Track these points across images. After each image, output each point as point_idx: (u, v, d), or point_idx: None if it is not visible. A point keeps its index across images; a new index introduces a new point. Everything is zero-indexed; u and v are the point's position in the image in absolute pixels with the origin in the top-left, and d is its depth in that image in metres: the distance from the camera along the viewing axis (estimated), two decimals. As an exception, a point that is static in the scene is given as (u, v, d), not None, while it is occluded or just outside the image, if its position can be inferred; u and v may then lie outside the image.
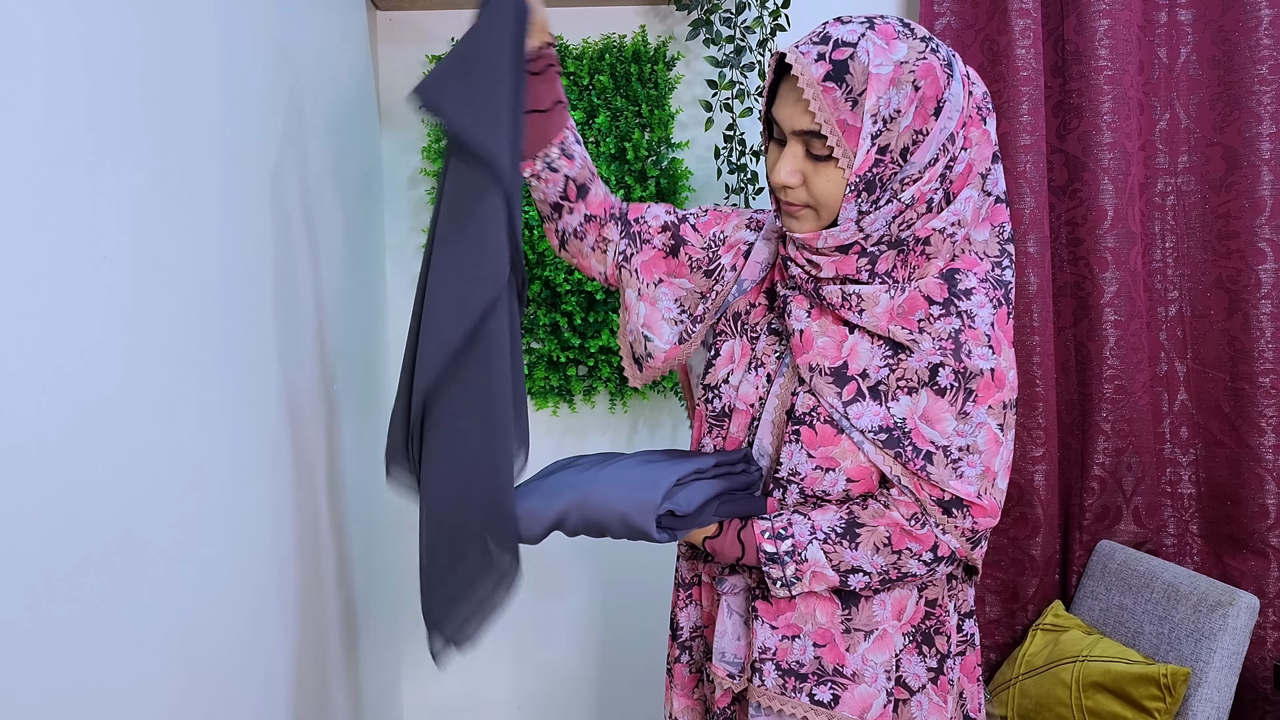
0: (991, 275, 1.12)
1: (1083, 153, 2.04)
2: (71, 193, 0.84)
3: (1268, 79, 2.00)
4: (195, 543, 1.08)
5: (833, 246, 1.08)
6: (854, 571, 1.11)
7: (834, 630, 1.15)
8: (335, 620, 1.66)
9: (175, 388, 1.04)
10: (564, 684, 2.25)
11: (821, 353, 1.12)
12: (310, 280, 1.56)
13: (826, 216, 1.08)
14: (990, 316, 1.10)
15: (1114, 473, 2.08)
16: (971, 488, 1.10)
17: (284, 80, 1.45)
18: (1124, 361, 2.05)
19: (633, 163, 2.08)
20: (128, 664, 0.93)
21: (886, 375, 1.10)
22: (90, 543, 0.86)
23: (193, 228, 1.10)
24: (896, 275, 1.09)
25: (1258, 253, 2.02)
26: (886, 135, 1.02)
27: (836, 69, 1.01)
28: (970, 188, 1.09)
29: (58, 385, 0.81)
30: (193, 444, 1.08)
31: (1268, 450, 2.02)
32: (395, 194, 2.15)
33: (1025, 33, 1.99)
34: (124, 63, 0.95)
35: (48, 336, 0.80)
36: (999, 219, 1.13)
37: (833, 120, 1.01)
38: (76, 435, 0.84)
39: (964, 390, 1.08)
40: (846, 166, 1.03)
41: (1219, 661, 1.70)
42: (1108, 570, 2.00)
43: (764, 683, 1.15)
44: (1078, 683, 1.78)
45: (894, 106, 1.01)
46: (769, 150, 1.12)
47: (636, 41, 2.09)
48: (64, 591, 0.82)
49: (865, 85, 1.00)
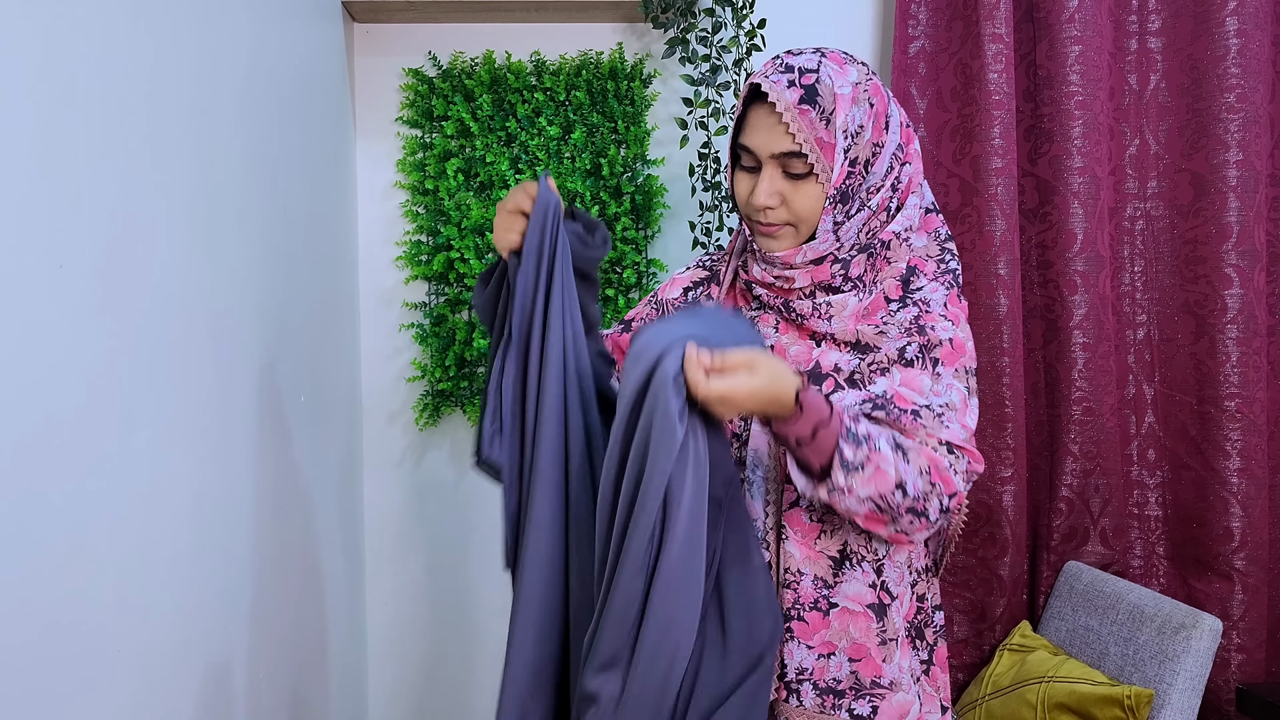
0: (939, 268, 1.20)
1: (1053, 177, 2.06)
2: (32, 199, 0.84)
3: (1235, 107, 2.03)
4: (150, 555, 1.07)
5: (809, 260, 1.14)
6: (900, 487, 1.07)
7: (869, 644, 1.17)
8: (300, 635, 1.65)
9: (135, 398, 1.03)
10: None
11: (794, 359, 1.19)
12: (280, 292, 1.55)
13: (805, 231, 1.15)
14: (943, 298, 1.18)
15: (1082, 494, 2.10)
16: (959, 436, 1.14)
17: (259, 92, 1.45)
18: (1092, 384, 2.06)
19: (608, 179, 2.09)
20: (74, 678, 0.92)
21: (858, 365, 1.16)
22: (38, 554, 0.85)
23: (159, 237, 1.09)
24: (866, 279, 1.17)
25: (1224, 278, 2.04)
26: (855, 149, 1.11)
27: (808, 92, 1.09)
28: (914, 195, 1.19)
29: (10, 393, 0.81)
30: (152, 455, 1.07)
31: (1233, 474, 2.04)
32: (369, 206, 2.15)
33: (998, 57, 2.02)
34: (95, 70, 0.94)
35: (1, 344, 0.79)
36: (933, 226, 1.22)
37: (811, 139, 1.09)
38: (29, 444, 0.83)
39: (930, 359, 1.15)
40: (825, 181, 1.11)
41: (1182, 683, 1.71)
42: (1074, 591, 2.01)
43: (802, 703, 1.16)
44: (1043, 703, 1.79)
45: (858, 122, 1.10)
46: (737, 179, 1.18)
47: (614, 58, 2.10)
48: (8, 605, 0.81)
49: (834, 105, 1.09)
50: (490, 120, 2.10)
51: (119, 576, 1.00)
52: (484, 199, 2.10)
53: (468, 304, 2.13)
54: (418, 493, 2.19)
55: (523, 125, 2.10)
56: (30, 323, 0.84)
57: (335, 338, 1.94)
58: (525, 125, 2.10)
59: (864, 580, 1.17)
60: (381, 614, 2.19)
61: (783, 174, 1.12)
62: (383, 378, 2.17)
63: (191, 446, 1.18)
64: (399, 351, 2.17)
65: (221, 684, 1.28)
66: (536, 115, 2.10)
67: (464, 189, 2.10)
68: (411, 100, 2.11)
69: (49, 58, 0.87)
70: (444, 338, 2.11)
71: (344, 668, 1.97)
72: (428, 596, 2.20)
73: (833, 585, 1.17)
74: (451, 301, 2.12)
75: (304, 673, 1.67)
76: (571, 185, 2.08)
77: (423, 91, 2.10)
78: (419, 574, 2.20)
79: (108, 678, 0.97)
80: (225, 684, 1.29)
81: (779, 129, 1.10)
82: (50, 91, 0.87)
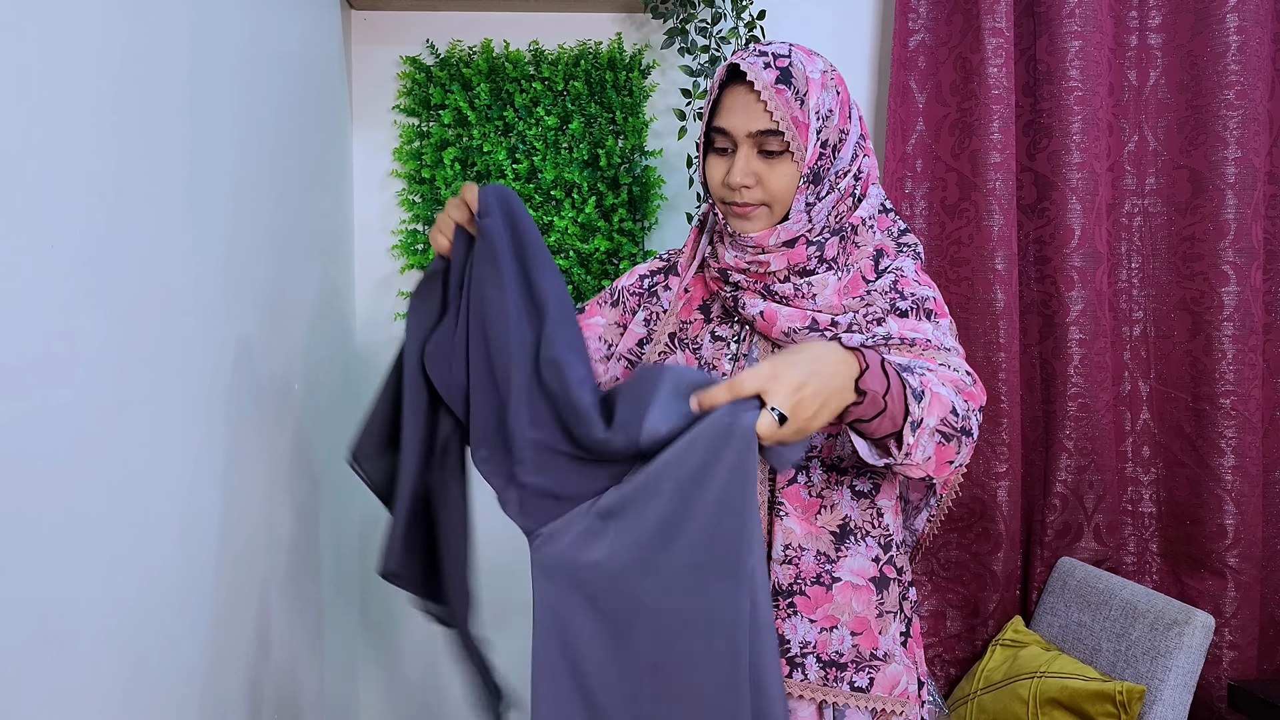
0: (899, 247, 1.25)
1: (1052, 172, 2.06)
2: (23, 181, 0.83)
3: (1234, 104, 2.03)
4: (142, 544, 1.07)
5: (782, 241, 1.17)
6: (955, 411, 1.07)
7: (869, 616, 1.20)
8: (295, 622, 1.65)
9: (127, 385, 1.02)
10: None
11: (789, 319, 1.19)
12: (275, 280, 1.54)
13: (779, 212, 1.17)
14: (913, 266, 1.24)
15: (1076, 490, 2.10)
16: (964, 367, 1.15)
17: (255, 78, 1.44)
18: (1088, 380, 2.06)
19: (605, 170, 2.08)
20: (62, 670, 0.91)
21: (854, 318, 1.18)
22: (26, 542, 0.85)
23: (153, 223, 1.08)
24: (840, 260, 1.20)
25: (1221, 275, 2.04)
26: (825, 131, 1.15)
27: (784, 74, 1.13)
28: (874, 186, 1.23)
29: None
30: (144, 443, 1.06)
31: (1227, 471, 2.04)
32: (365, 195, 2.14)
33: (998, 51, 2.01)
34: (89, 55, 0.93)
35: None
36: (885, 225, 1.26)
37: (787, 117, 1.12)
38: (18, 432, 0.83)
39: (923, 310, 1.20)
40: (800, 160, 1.14)
41: (1174, 680, 1.71)
42: (1067, 587, 2.01)
43: (807, 676, 1.19)
44: (1035, 699, 1.79)
45: (827, 106, 1.15)
46: (710, 164, 1.20)
47: (612, 49, 2.09)
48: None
49: (807, 87, 1.14)
50: (487, 109, 2.09)
51: (109, 565, 0.99)
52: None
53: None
54: (412, 483, 2.18)
55: (520, 115, 2.09)
56: (19, 306, 0.83)
57: (330, 326, 1.93)
58: (523, 115, 2.09)
59: (867, 554, 1.20)
60: (376, 601, 2.18)
61: (758, 153, 1.15)
62: (378, 366, 2.16)
63: (184, 434, 1.18)
64: (394, 340, 2.16)
65: (214, 673, 1.28)
66: (534, 105, 2.09)
67: (461, 178, 2.09)
68: (409, 88, 2.10)
69: (43, 41, 0.86)
70: (439, 327, 2.11)
71: (338, 656, 1.96)
72: (421, 586, 2.20)
73: (835, 560, 1.19)
74: (447, 291, 2.12)
75: (297, 660, 1.67)
76: (569, 176, 2.07)
77: (420, 80, 2.09)
78: (412, 564, 2.19)
79: (96, 668, 0.97)
80: (218, 673, 1.29)
81: (756, 107, 1.13)
82: (43, 76, 0.86)
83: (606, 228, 2.08)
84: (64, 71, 0.90)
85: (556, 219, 2.07)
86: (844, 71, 2.20)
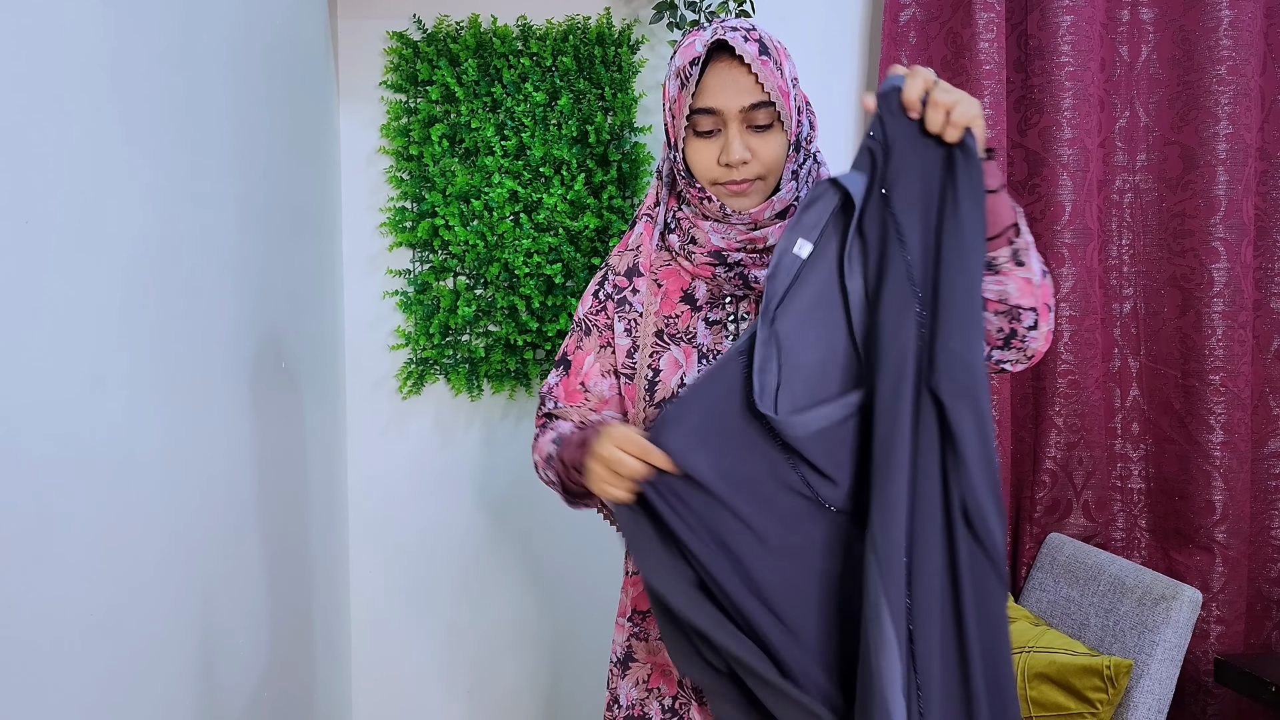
0: None
1: (1043, 148, 2.05)
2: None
3: (1226, 79, 2.02)
4: (125, 525, 1.06)
5: (776, 212, 1.18)
6: (1045, 272, 1.13)
7: None
8: (283, 604, 1.64)
9: (108, 363, 1.01)
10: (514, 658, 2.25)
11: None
12: (261, 257, 1.53)
13: (771, 183, 1.19)
14: None
15: (1065, 467, 2.10)
16: None
17: (240, 53, 1.42)
18: (1078, 357, 2.06)
19: (594, 146, 2.07)
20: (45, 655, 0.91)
21: None
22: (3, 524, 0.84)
23: (136, 200, 1.07)
24: None
25: (1211, 252, 2.04)
26: (798, 98, 1.18)
27: (762, 46, 1.14)
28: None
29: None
30: (126, 422, 1.05)
31: (1215, 447, 2.04)
32: (353, 172, 2.12)
33: (989, 26, 2.00)
34: (71, 31, 0.92)
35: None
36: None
37: (776, 87, 1.13)
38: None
39: None
40: (788, 129, 1.16)
41: (1161, 654, 1.72)
42: (1056, 563, 2.02)
43: None
44: (1023, 673, 1.80)
45: (792, 75, 1.17)
46: (694, 150, 1.17)
47: (601, 24, 2.07)
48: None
49: (780, 57, 1.16)
50: (475, 85, 2.07)
51: (91, 548, 0.98)
52: (469, 165, 2.08)
53: (452, 271, 2.11)
54: (401, 461, 2.18)
55: (508, 91, 2.07)
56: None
57: (317, 304, 1.92)
58: (511, 91, 2.07)
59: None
60: (365, 582, 2.18)
61: (748, 128, 1.15)
62: (366, 345, 2.15)
63: (168, 413, 1.17)
64: (382, 319, 2.15)
65: (200, 656, 1.27)
66: (522, 81, 2.08)
67: (449, 155, 2.07)
68: (395, 64, 2.08)
69: (24, 14, 0.85)
70: (428, 305, 2.10)
71: (327, 636, 1.96)
72: (411, 565, 2.20)
73: None
74: (436, 269, 2.10)
75: (287, 642, 1.67)
76: (557, 152, 2.05)
77: (407, 55, 2.07)
78: (402, 542, 2.19)
79: (81, 664, 0.96)
80: (204, 656, 1.28)
81: (746, 80, 1.13)
82: (25, 50, 0.85)
83: (596, 205, 2.07)
84: (47, 51, 0.88)
85: (545, 196, 2.05)
86: (834, 46, 2.19)
